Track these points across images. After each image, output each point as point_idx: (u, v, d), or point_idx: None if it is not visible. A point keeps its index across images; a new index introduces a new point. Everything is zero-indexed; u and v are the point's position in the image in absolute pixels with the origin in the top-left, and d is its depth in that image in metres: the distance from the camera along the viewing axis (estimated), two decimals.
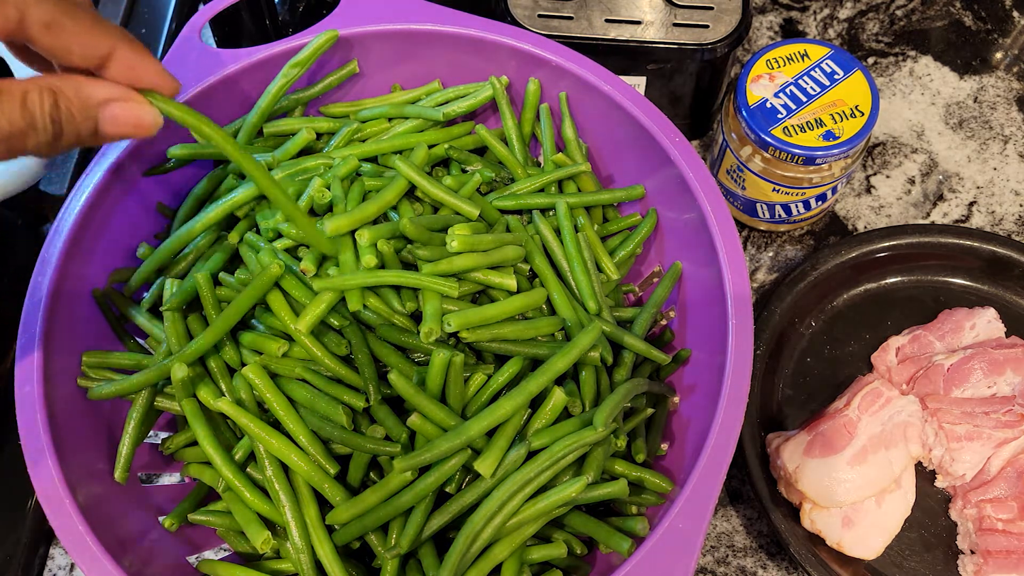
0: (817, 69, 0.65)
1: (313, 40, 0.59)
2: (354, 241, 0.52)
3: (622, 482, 0.49)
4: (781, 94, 0.64)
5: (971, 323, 0.65)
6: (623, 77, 0.62)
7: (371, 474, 0.51)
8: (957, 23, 0.84)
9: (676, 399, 0.56)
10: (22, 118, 0.33)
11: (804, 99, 0.64)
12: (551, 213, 0.59)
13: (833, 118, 0.63)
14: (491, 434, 0.49)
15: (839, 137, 0.62)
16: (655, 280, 0.61)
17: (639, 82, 0.70)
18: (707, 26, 0.68)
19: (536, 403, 0.50)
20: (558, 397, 0.49)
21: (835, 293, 0.69)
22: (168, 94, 0.39)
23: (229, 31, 0.78)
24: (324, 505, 0.50)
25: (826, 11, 0.85)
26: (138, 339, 0.58)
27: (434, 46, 0.61)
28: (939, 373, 0.62)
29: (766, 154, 0.64)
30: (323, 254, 0.52)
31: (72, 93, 0.35)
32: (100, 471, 0.51)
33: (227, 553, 0.56)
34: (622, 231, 0.61)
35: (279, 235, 0.55)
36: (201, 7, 0.64)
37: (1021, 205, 0.75)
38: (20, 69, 0.58)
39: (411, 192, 0.56)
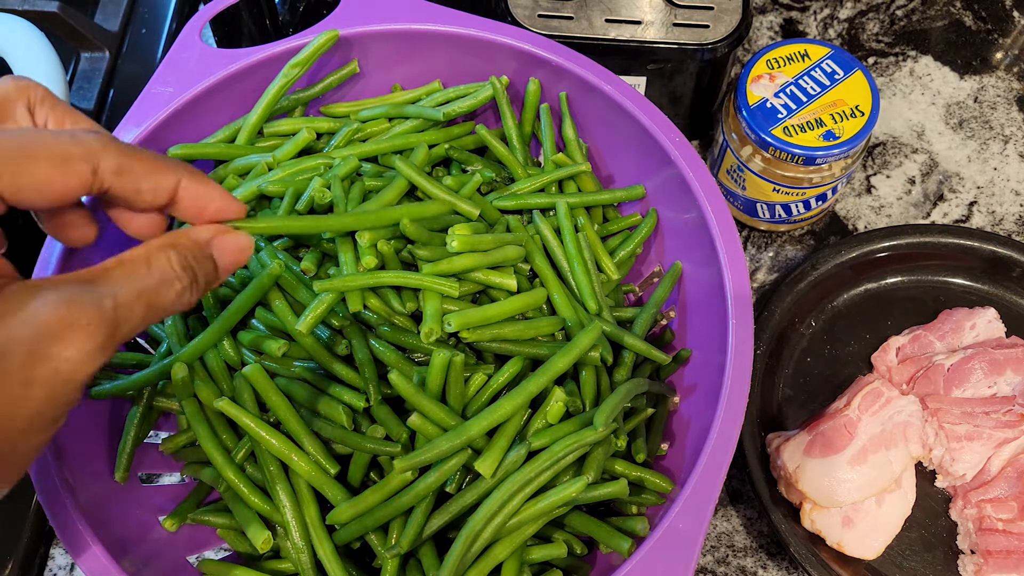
0: (817, 69, 0.65)
1: (313, 40, 0.59)
2: (354, 241, 0.52)
3: (622, 482, 0.49)
4: (781, 94, 0.64)
5: (971, 323, 0.65)
6: (623, 77, 0.62)
7: (371, 474, 0.51)
8: (957, 23, 0.84)
9: (676, 399, 0.56)
10: (152, 275, 0.34)
11: (804, 99, 0.64)
12: (551, 213, 0.59)
13: (833, 118, 0.63)
14: (491, 434, 0.49)
15: (839, 137, 0.62)
16: (655, 280, 0.61)
17: (639, 82, 0.70)
18: (707, 26, 0.68)
19: (536, 403, 0.50)
20: (558, 397, 0.49)
21: (835, 293, 0.69)
22: (237, 215, 0.39)
23: (229, 31, 0.78)
24: (324, 505, 0.50)
25: (826, 11, 0.85)
26: (138, 339, 0.58)
27: (434, 46, 0.61)
28: (939, 373, 0.62)
29: (766, 154, 0.64)
30: (323, 253, 0.52)
31: (186, 241, 0.36)
32: (100, 471, 0.51)
33: (227, 553, 0.56)
34: (622, 231, 0.61)
35: (279, 235, 0.55)
36: (201, 7, 0.64)
37: (1021, 205, 0.75)
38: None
39: (411, 192, 0.56)
